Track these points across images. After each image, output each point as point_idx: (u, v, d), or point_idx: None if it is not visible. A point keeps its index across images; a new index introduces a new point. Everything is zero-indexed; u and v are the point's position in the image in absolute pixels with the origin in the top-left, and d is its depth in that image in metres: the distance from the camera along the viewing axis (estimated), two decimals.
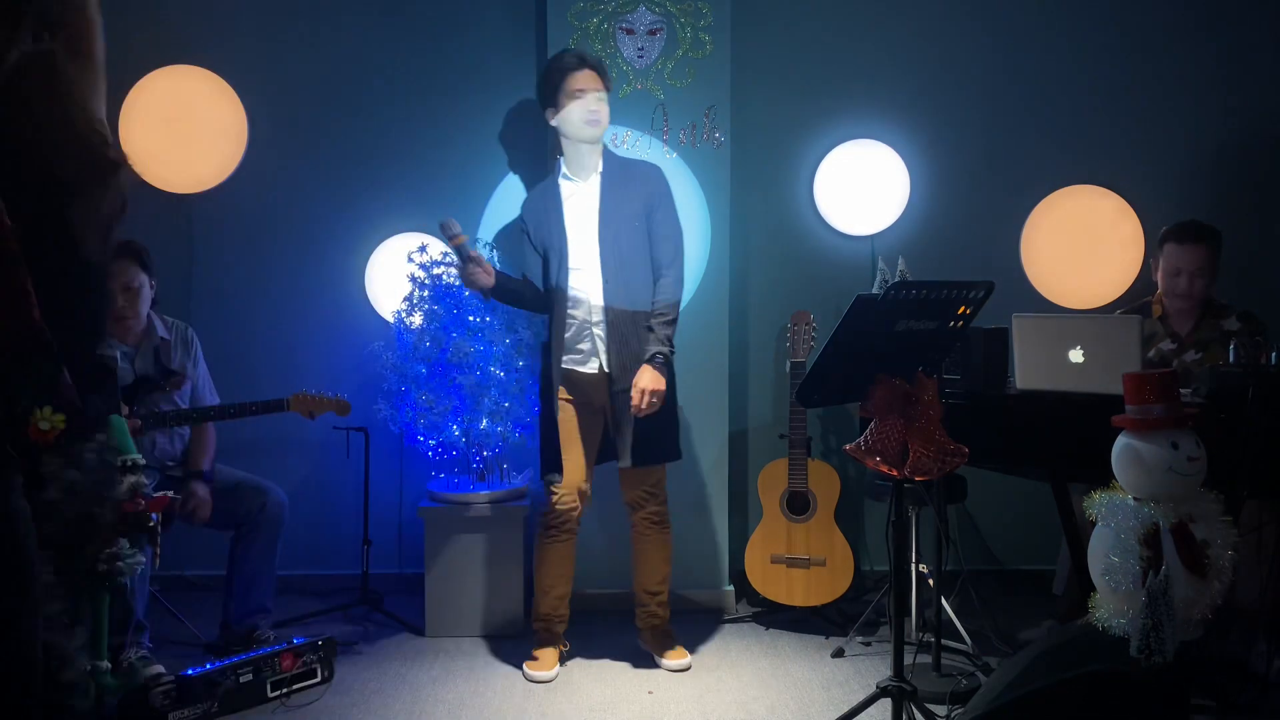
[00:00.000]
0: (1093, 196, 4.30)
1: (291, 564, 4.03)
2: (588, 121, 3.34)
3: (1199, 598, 2.32)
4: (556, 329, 3.40)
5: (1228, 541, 2.34)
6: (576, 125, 3.36)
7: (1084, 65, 4.36)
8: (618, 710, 3.16)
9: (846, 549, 3.86)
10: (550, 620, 3.51)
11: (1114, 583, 2.35)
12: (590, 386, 3.42)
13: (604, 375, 3.39)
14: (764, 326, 4.35)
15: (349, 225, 4.26)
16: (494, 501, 3.80)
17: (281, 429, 4.18)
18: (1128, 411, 2.44)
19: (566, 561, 3.50)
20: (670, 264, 3.38)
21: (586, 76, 3.35)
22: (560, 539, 3.47)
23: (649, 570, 3.54)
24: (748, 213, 4.29)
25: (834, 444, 4.31)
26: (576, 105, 3.33)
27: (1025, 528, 4.32)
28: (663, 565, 3.55)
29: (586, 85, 3.34)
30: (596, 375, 3.40)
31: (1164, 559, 2.30)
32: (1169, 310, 3.62)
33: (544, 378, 3.48)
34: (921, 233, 4.29)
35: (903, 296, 2.54)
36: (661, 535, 3.53)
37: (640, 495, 3.47)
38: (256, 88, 4.21)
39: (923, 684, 3.06)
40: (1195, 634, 2.36)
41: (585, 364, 3.40)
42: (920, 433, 2.60)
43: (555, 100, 3.37)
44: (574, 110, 3.34)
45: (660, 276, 3.37)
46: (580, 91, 3.33)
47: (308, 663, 3.26)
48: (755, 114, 4.28)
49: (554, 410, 3.41)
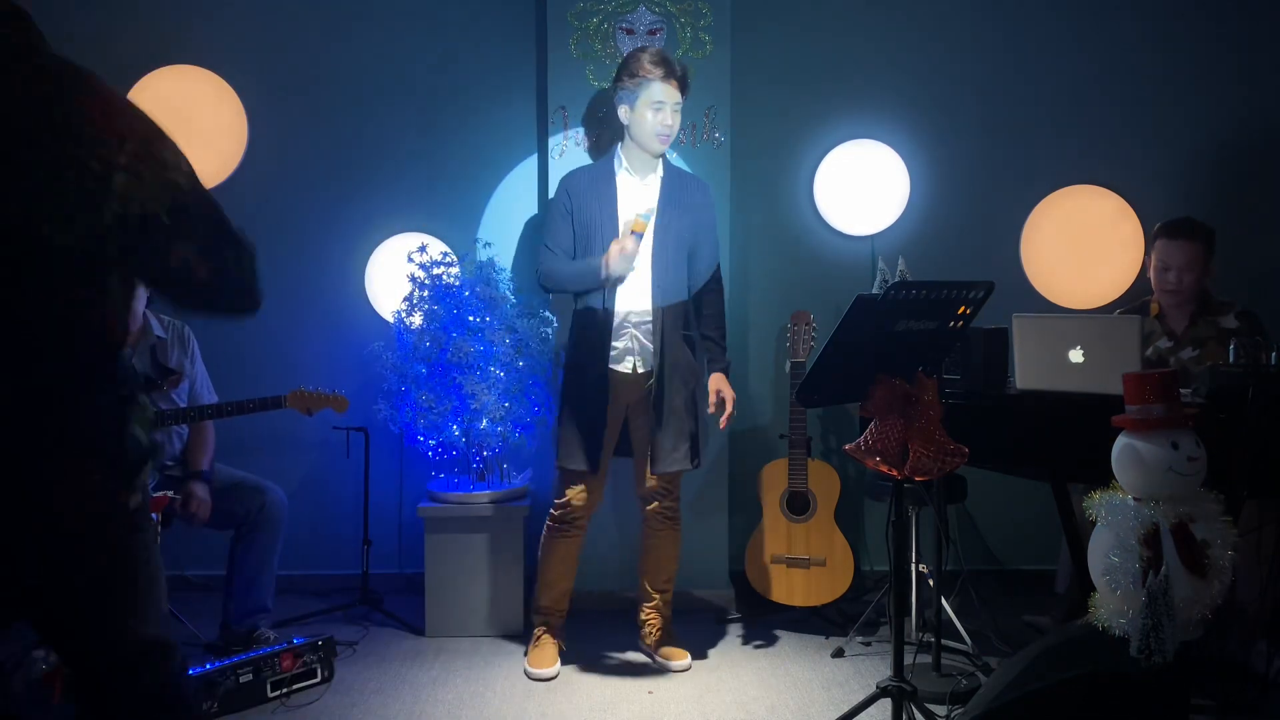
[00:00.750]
0: (1093, 196, 4.30)
1: (291, 564, 4.03)
2: (660, 136, 3.34)
3: (1199, 598, 2.32)
4: (600, 320, 3.35)
5: (1228, 541, 2.34)
6: (648, 136, 3.34)
7: (1084, 65, 4.36)
8: (618, 710, 3.16)
9: (846, 549, 3.86)
10: (551, 613, 3.52)
11: (1114, 583, 2.35)
12: (621, 384, 3.41)
13: (637, 375, 3.40)
14: (764, 326, 4.35)
15: (349, 225, 4.26)
16: (494, 501, 3.80)
17: (281, 429, 4.18)
18: (1128, 411, 2.44)
19: (573, 558, 3.51)
20: (718, 281, 3.55)
21: (670, 89, 3.32)
22: (571, 534, 3.47)
23: (659, 567, 3.57)
24: (748, 213, 4.29)
25: (834, 444, 4.31)
26: (653, 116, 3.32)
27: (1025, 528, 4.32)
28: (671, 563, 3.57)
29: (666, 98, 3.31)
30: (630, 374, 3.40)
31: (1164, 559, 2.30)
32: (1163, 308, 3.63)
33: (574, 368, 3.41)
34: (921, 233, 4.30)
35: (903, 296, 2.54)
36: (674, 532, 3.55)
37: (659, 488, 3.48)
38: (256, 88, 4.21)
39: (923, 684, 3.07)
40: (1195, 634, 2.36)
41: (620, 361, 3.40)
42: (920, 433, 2.60)
43: (632, 101, 3.34)
44: (650, 121, 3.33)
45: (710, 293, 3.52)
46: (660, 104, 3.31)
47: (308, 663, 3.26)
48: (755, 114, 4.29)
49: (598, 400, 3.36)
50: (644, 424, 3.44)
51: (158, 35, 4.19)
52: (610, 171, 3.43)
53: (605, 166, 3.46)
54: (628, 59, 3.39)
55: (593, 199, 3.39)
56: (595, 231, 3.36)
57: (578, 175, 3.47)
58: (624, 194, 3.40)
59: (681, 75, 3.36)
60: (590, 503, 3.45)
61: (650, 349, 3.38)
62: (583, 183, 3.43)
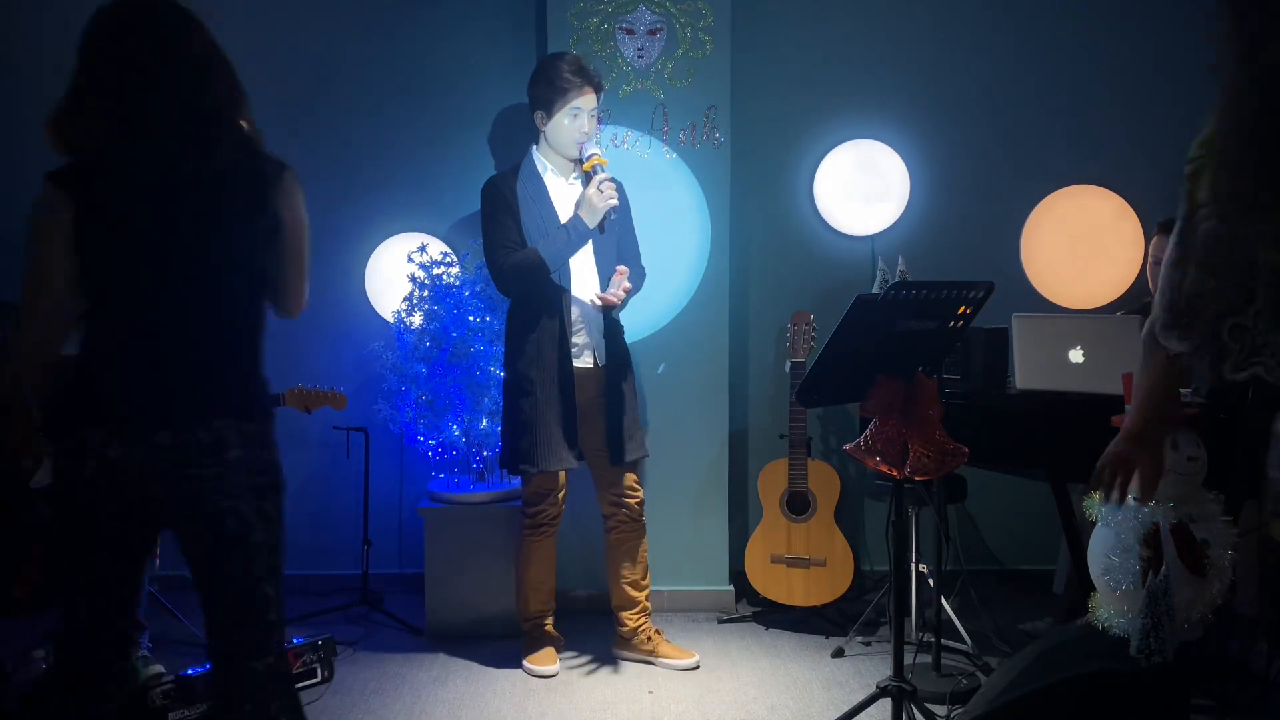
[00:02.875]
0: (1093, 196, 4.30)
1: (291, 564, 3.99)
2: (579, 142, 3.36)
3: (1199, 598, 2.32)
4: (561, 320, 3.34)
5: (1228, 541, 2.34)
6: (565, 143, 3.37)
7: (1084, 65, 4.36)
8: (618, 710, 3.16)
9: (846, 549, 3.86)
10: (543, 616, 3.52)
11: (1114, 583, 2.35)
12: (582, 381, 3.39)
13: (597, 369, 3.41)
14: (764, 326, 4.35)
15: (349, 225, 4.25)
16: (494, 501, 3.80)
17: (281, 428, 4.09)
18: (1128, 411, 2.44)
19: (552, 556, 3.53)
20: (640, 265, 3.55)
21: (586, 96, 3.33)
22: (548, 534, 3.49)
23: (638, 568, 3.52)
24: (748, 213, 4.29)
25: (834, 444, 4.31)
26: (570, 124, 3.34)
27: (1025, 528, 4.32)
28: (645, 559, 3.55)
29: (584, 105, 3.34)
30: (590, 369, 3.41)
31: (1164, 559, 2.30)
32: None
33: (535, 369, 3.34)
34: (921, 233, 4.30)
35: (903, 296, 2.54)
36: (642, 530, 3.53)
37: (624, 490, 3.47)
38: (256, 87, 4.18)
39: (923, 684, 3.07)
40: (1195, 634, 2.36)
41: (579, 357, 3.40)
42: (920, 433, 2.60)
43: (548, 108, 3.35)
44: (567, 128, 3.35)
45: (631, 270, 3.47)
46: (576, 110, 3.33)
47: (308, 663, 3.26)
48: (755, 114, 4.29)
49: (567, 394, 3.34)
50: (597, 426, 3.41)
51: None
52: (535, 174, 3.43)
53: (528, 169, 3.44)
54: (544, 65, 3.41)
55: (528, 200, 3.38)
56: (535, 230, 3.34)
57: (505, 178, 3.44)
58: (555, 195, 3.41)
59: (596, 81, 3.38)
60: (562, 498, 3.48)
61: (604, 343, 3.41)
62: (518, 187, 3.40)
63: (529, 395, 3.33)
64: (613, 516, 3.50)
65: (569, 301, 3.36)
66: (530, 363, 3.34)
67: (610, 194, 3.24)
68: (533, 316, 3.35)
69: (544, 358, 3.33)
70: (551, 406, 3.33)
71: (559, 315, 3.34)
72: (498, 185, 3.41)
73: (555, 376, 3.33)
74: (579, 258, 3.37)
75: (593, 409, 3.41)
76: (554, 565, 3.55)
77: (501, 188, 3.39)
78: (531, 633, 3.52)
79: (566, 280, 3.36)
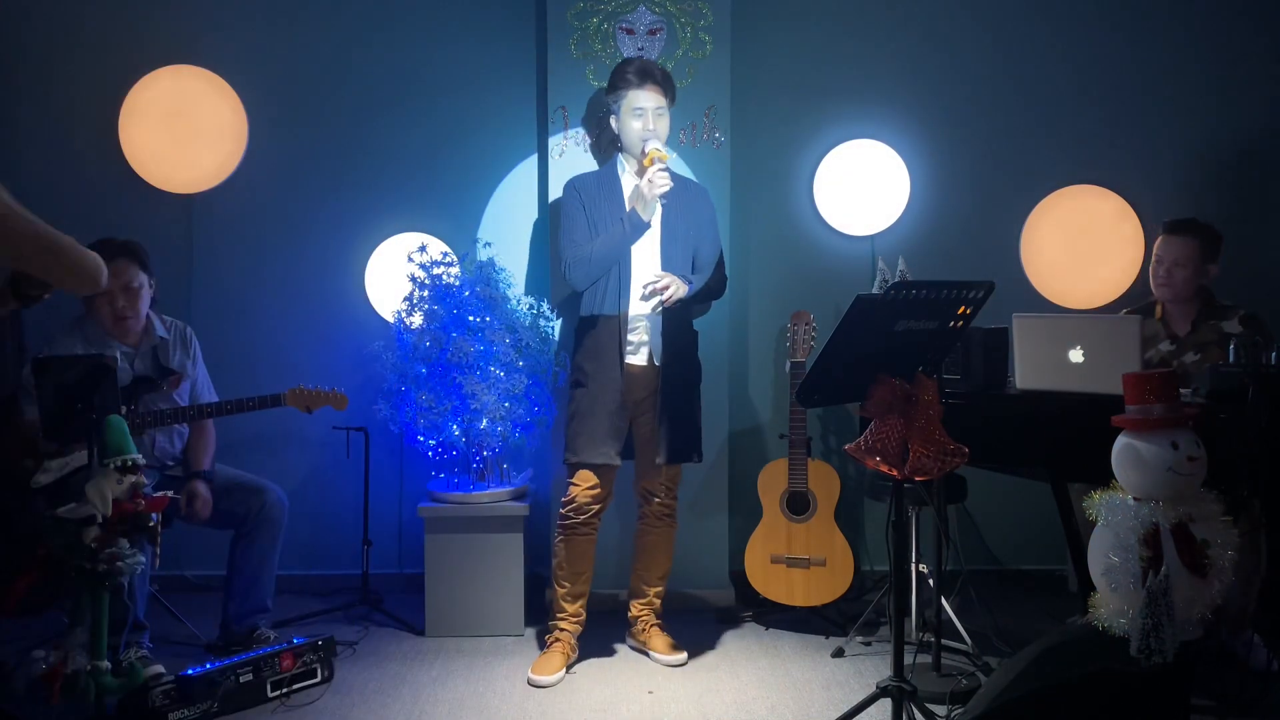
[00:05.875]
0: (1093, 196, 4.30)
1: (291, 564, 4.04)
2: (644, 138, 3.41)
3: (1199, 598, 2.33)
4: (616, 315, 3.40)
5: (1228, 541, 2.35)
6: (632, 141, 3.45)
7: (1084, 66, 4.36)
8: (618, 710, 3.16)
9: (846, 549, 3.86)
10: (570, 623, 3.50)
11: (1114, 583, 2.35)
12: (635, 378, 3.44)
13: (652, 367, 3.45)
14: (764, 326, 4.35)
15: (349, 225, 4.26)
16: (494, 501, 3.80)
17: (282, 428, 4.18)
18: (1128, 411, 2.44)
19: (581, 559, 3.50)
20: (721, 269, 3.64)
21: (647, 94, 3.42)
22: (579, 534, 3.47)
23: (655, 564, 3.60)
24: (748, 213, 4.29)
25: (834, 444, 4.31)
26: (635, 123, 3.42)
27: (1025, 528, 4.32)
28: (666, 560, 3.62)
29: (646, 104, 3.42)
30: (645, 367, 3.45)
31: (1164, 559, 2.31)
32: (1166, 309, 3.63)
33: (590, 364, 3.42)
34: (921, 233, 4.30)
35: (903, 296, 2.54)
36: (671, 529, 3.60)
37: (660, 485, 3.53)
38: (256, 87, 4.21)
39: (923, 684, 3.07)
40: (1195, 634, 2.36)
41: (635, 354, 3.45)
42: (920, 433, 2.60)
43: (616, 109, 3.47)
44: (633, 128, 3.43)
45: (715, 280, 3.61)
46: (639, 110, 3.42)
47: (308, 663, 3.26)
48: (755, 114, 4.29)
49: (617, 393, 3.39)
50: (649, 420, 3.47)
51: (158, 35, 4.20)
52: (615, 175, 3.52)
53: (609, 171, 3.55)
54: (612, 72, 3.52)
55: (602, 201, 3.46)
56: (603, 226, 3.43)
57: (584, 178, 3.56)
58: (628, 192, 3.47)
59: (663, 79, 3.45)
60: (605, 497, 3.47)
61: (661, 342, 3.44)
62: (590, 185, 3.51)
63: (582, 386, 3.45)
64: (643, 508, 3.60)
65: (627, 299, 3.42)
66: (586, 355, 3.45)
67: (662, 183, 3.29)
68: (595, 311, 3.44)
69: (600, 352, 3.42)
70: (600, 400, 3.41)
71: (617, 312, 3.40)
72: (574, 183, 3.54)
73: (607, 371, 3.40)
74: (643, 257, 3.42)
75: (644, 406, 3.47)
76: (585, 571, 3.51)
77: (577, 186, 3.52)
78: (550, 637, 3.52)
79: (628, 278, 3.41)
